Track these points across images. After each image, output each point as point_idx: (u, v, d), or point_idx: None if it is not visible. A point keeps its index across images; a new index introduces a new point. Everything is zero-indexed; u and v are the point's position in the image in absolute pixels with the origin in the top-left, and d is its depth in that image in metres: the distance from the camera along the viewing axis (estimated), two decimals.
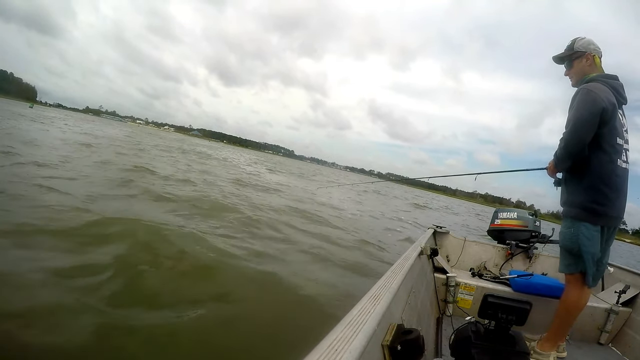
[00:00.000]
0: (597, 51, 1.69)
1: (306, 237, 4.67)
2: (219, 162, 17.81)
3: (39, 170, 5.21)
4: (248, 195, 7.49)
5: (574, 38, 1.74)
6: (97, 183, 5.22)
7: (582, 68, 1.70)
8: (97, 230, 3.09)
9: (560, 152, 1.60)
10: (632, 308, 2.05)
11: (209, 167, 13.08)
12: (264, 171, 18.52)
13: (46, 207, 3.41)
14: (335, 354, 0.54)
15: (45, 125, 16.98)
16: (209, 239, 3.46)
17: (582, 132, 1.50)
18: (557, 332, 1.67)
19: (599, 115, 1.48)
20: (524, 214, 2.84)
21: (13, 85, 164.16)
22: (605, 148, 1.54)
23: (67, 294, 2.03)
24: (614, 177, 1.55)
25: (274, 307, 2.46)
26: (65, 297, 1.99)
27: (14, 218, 2.93)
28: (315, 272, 3.29)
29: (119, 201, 4.42)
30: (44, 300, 1.93)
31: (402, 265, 1.31)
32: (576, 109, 1.52)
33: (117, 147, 12.19)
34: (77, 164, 6.67)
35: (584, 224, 1.57)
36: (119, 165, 7.45)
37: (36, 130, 12.71)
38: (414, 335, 0.76)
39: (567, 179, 1.69)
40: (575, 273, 1.62)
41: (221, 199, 6.00)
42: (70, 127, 20.38)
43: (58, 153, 7.59)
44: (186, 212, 4.57)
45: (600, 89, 1.53)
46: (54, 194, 4.06)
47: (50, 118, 27.24)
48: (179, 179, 7.60)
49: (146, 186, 5.67)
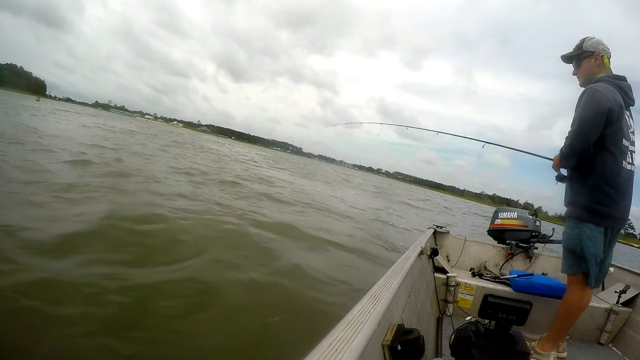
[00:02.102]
0: (606, 52, 1.67)
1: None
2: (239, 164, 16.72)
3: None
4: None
5: (583, 37, 1.73)
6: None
7: (590, 68, 1.68)
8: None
9: (565, 150, 1.60)
10: (632, 308, 2.05)
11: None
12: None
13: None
14: (335, 353, 0.54)
15: (71, 124, 17.19)
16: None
17: (587, 132, 1.49)
18: (557, 332, 1.67)
19: (604, 115, 1.47)
20: (524, 214, 2.84)
21: (23, 79, 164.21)
22: (610, 149, 1.53)
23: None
24: (618, 178, 1.55)
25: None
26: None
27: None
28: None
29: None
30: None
31: (402, 265, 1.31)
32: (582, 109, 1.51)
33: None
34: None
35: (587, 224, 1.56)
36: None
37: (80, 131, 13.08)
38: (414, 335, 0.76)
39: (572, 179, 1.67)
40: (577, 274, 1.61)
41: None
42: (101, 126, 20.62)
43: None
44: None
45: (607, 89, 1.52)
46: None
47: (67, 112, 27.86)
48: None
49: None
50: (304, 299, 2.57)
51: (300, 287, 2.75)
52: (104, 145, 9.86)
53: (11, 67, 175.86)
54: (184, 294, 2.30)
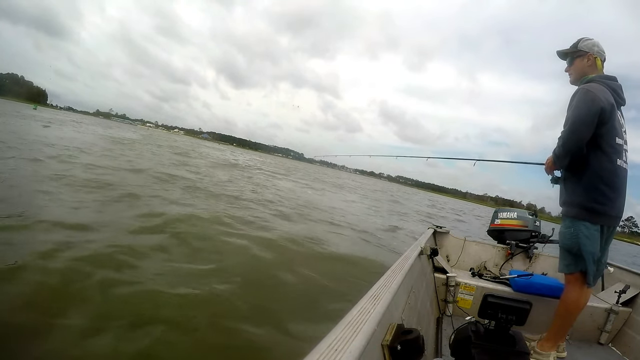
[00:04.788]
0: (601, 54, 1.70)
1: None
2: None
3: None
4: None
5: (580, 37, 1.75)
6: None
7: (583, 68, 1.71)
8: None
9: (558, 150, 1.62)
10: (632, 308, 2.05)
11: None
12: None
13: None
14: (335, 354, 0.54)
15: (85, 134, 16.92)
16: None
17: (580, 131, 1.51)
18: (557, 332, 1.67)
19: (597, 115, 1.50)
20: (524, 214, 2.84)
21: (23, 88, 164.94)
22: (604, 148, 1.55)
23: None
24: (613, 176, 1.56)
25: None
26: None
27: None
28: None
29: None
30: None
31: (402, 265, 1.31)
32: (575, 108, 1.54)
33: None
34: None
35: (583, 223, 1.58)
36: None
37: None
38: (414, 335, 0.76)
39: (566, 179, 1.69)
40: (575, 273, 1.62)
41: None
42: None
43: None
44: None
45: (598, 90, 1.54)
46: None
47: (77, 123, 27.71)
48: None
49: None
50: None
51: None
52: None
53: (12, 77, 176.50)
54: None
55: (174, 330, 1.97)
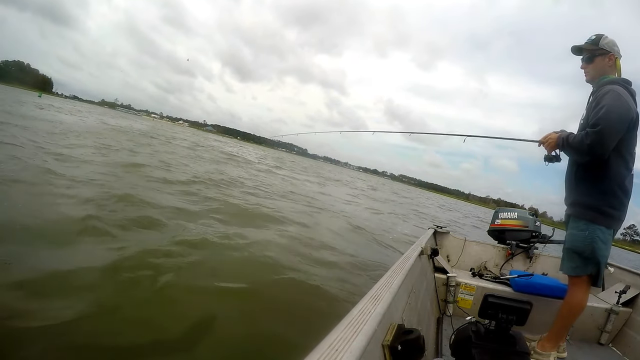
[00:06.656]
0: (619, 54, 1.67)
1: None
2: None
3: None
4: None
5: (598, 34, 1.70)
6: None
7: (603, 67, 1.67)
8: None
9: (581, 146, 1.51)
10: (632, 308, 2.05)
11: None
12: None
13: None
14: (335, 353, 0.54)
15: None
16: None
17: (612, 139, 1.47)
18: (558, 332, 1.67)
19: (628, 123, 1.48)
20: (525, 214, 2.83)
21: (30, 77, 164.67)
22: (624, 154, 1.54)
23: None
24: (627, 183, 1.57)
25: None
26: None
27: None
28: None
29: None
30: None
31: (403, 265, 1.31)
32: (609, 112, 1.46)
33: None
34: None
35: (600, 227, 1.56)
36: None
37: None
38: (415, 335, 0.76)
39: (580, 180, 1.65)
40: (582, 275, 1.60)
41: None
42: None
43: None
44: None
45: (627, 96, 1.52)
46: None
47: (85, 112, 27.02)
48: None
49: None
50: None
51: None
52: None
53: (18, 64, 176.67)
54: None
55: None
